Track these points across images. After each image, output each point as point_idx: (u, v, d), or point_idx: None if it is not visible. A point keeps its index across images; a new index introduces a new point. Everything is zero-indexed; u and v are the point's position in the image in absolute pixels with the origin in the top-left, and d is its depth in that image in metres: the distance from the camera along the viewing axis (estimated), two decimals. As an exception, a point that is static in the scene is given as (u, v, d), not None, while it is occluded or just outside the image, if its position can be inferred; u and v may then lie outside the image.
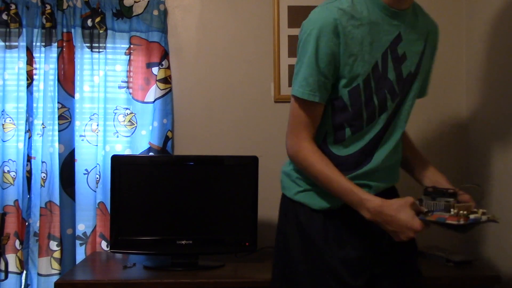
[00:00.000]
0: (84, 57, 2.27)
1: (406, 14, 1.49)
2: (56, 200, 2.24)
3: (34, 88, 2.25)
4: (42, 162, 2.23)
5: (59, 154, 2.23)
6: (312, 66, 1.42)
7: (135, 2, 2.27)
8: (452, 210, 1.30)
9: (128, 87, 2.29)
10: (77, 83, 2.26)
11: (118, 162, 2.05)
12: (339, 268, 1.44)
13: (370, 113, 1.46)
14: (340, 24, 1.39)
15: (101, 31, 2.25)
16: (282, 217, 1.56)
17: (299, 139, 1.46)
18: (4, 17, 2.22)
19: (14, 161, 2.23)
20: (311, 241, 1.47)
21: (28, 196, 2.24)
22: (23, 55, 2.23)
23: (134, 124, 2.30)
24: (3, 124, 2.24)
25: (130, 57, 2.29)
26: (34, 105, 2.25)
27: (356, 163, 1.47)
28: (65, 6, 2.22)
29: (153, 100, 2.29)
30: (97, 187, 2.24)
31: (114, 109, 2.29)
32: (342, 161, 1.47)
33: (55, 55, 2.24)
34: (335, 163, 1.43)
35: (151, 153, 2.27)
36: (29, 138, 2.22)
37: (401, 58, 1.48)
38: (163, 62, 2.28)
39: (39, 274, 2.22)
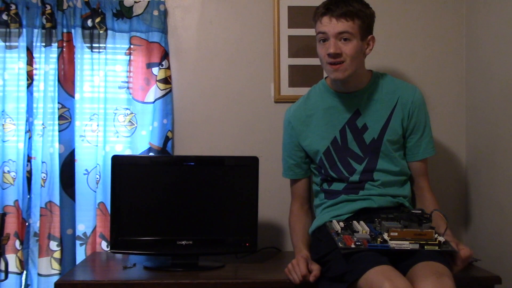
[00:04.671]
0: (84, 57, 2.26)
1: (362, 92, 1.85)
2: (56, 200, 2.24)
3: (34, 89, 2.24)
4: (42, 162, 2.22)
5: (59, 154, 2.23)
6: (284, 152, 2.02)
7: (135, 2, 2.27)
8: (386, 233, 1.59)
9: (128, 88, 2.29)
10: (77, 83, 2.26)
11: (118, 162, 2.05)
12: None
13: (338, 174, 1.86)
14: (292, 122, 1.95)
15: (101, 31, 2.25)
16: None
17: (291, 203, 2.04)
18: (4, 17, 2.22)
19: (14, 161, 2.23)
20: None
21: (28, 196, 2.24)
22: (23, 55, 2.22)
23: (134, 124, 2.30)
24: (3, 124, 2.23)
25: (130, 58, 2.29)
26: (34, 105, 2.24)
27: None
28: (65, 7, 2.22)
29: (153, 101, 2.29)
30: (97, 187, 2.24)
31: (114, 110, 2.29)
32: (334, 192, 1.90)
33: (55, 55, 2.24)
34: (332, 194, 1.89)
35: (151, 153, 2.27)
36: (29, 138, 2.22)
37: (362, 129, 1.84)
38: (163, 63, 2.28)
39: (39, 274, 2.22)
